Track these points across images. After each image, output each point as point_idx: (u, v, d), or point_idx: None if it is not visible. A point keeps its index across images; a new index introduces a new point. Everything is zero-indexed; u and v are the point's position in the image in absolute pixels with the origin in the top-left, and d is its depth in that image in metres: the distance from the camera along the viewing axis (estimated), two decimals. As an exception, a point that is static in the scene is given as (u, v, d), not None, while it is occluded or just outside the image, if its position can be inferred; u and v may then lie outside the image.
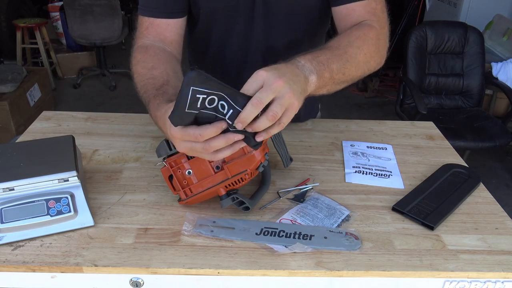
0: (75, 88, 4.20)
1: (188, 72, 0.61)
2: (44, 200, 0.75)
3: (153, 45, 0.95)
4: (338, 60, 0.80)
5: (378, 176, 0.96)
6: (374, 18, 0.93)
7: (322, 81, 0.76)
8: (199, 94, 0.62)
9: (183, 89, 0.61)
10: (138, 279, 0.71)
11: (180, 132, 0.66)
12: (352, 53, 0.83)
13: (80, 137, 1.05)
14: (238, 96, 0.64)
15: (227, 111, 0.65)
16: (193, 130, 0.65)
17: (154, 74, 0.85)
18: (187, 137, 0.66)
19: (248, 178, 0.78)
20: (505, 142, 2.48)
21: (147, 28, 0.97)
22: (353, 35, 0.87)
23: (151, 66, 0.87)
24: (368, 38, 0.87)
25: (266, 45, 1.04)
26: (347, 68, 0.81)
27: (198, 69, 0.62)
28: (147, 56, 0.91)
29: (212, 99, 0.64)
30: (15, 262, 0.69)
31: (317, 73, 0.75)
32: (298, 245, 0.73)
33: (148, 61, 0.89)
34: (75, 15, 3.83)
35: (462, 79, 2.78)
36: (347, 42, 0.84)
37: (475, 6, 3.43)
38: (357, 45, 0.85)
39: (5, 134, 2.94)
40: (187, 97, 0.61)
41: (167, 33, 0.97)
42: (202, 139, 0.65)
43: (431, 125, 1.23)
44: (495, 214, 0.86)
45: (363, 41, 0.86)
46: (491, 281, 0.72)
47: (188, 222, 0.78)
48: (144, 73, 0.87)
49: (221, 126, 0.65)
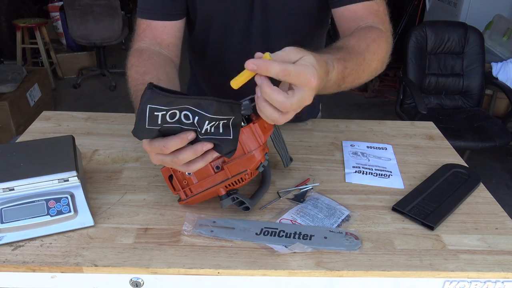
0: (75, 88, 4.20)
1: (145, 89, 0.61)
2: (44, 200, 0.75)
3: (149, 48, 0.94)
4: (357, 72, 0.77)
5: (378, 176, 0.96)
6: (379, 20, 0.91)
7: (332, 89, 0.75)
8: (157, 112, 0.61)
9: (141, 107, 0.61)
10: (138, 279, 0.71)
11: (149, 146, 0.66)
12: (369, 60, 0.81)
13: (80, 137, 1.05)
14: (202, 101, 0.63)
15: (193, 119, 0.64)
16: (158, 142, 0.65)
17: (145, 79, 0.84)
18: (154, 150, 0.66)
19: (248, 178, 0.78)
20: (505, 142, 2.48)
21: (144, 30, 0.97)
22: (368, 38, 0.84)
23: (143, 71, 0.86)
24: (381, 43, 0.86)
25: (265, 47, 1.03)
26: (359, 79, 0.80)
27: (155, 85, 0.62)
28: (141, 60, 0.90)
29: (173, 113, 0.63)
30: (15, 262, 0.69)
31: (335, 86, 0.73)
32: (298, 245, 0.73)
33: (141, 65, 0.88)
34: (75, 15, 3.83)
35: (462, 79, 2.78)
36: (366, 46, 0.82)
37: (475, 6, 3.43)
38: (373, 50, 0.83)
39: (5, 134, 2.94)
40: (145, 114, 0.61)
41: (164, 35, 0.97)
42: (168, 151, 0.65)
43: (431, 125, 1.23)
44: (495, 214, 0.86)
45: (378, 46, 0.84)
46: (491, 281, 0.72)
47: (188, 222, 0.79)
48: (136, 78, 0.86)
49: (186, 137, 0.64)
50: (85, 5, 3.80)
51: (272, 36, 1.02)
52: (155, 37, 0.96)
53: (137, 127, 0.63)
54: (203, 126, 0.64)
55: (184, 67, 1.30)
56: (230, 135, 0.66)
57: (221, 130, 0.66)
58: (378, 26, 0.89)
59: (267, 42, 1.03)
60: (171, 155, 0.66)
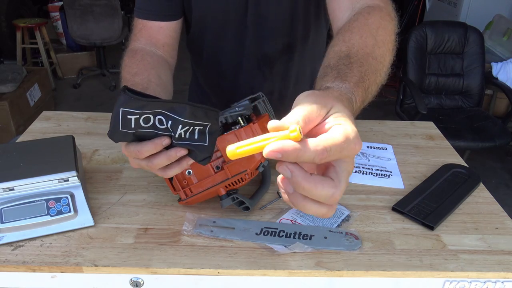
0: (75, 88, 4.20)
1: (120, 92, 0.61)
2: (44, 200, 0.75)
3: (143, 49, 0.94)
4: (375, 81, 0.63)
5: (378, 176, 0.96)
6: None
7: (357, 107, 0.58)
8: (130, 115, 0.61)
9: (115, 110, 0.61)
10: (138, 279, 0.71)
11: (125, 150, 0.67)
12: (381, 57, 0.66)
13: (80, 137, 1.05)
14: (175, 105, 0.62)
15: (167, 124, 0.63)
16: (133, 146, 0.65)
17: (136, 80, 0.84)
18: (129, 154, 0.67)
19: (248, 178, 0.78)
20: (505, 142, 2.48)
21: (140, 30, 0.97)
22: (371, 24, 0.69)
23: (134, 72, 0.86)
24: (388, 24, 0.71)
25: (260, 50, 1.04)
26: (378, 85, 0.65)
27: (129, 89, 0.61)
28: (133, 61, 0.90)
29: (147, 117, 0.62)
30: (15, 262, 0.69)
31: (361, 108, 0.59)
32: (298, 245, 0.73)
33: (133, 66, 0.88)
34: (75, 15, 3.83)
35: (462, 79, 2.78)
36: (373, 40, 0.67)
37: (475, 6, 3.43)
38: (382, 40, 0.68)
39: (5, 134, 2.94)
40: (119, 118, 0.61)
41: (159, 36, 0.97)
42: (142, 155, 0.65)
43: (431, 125, 1.23)
44: (495, 214, 0.86)
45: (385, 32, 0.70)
46: (491, 281, 0.72)
47: (188, 222, 0.79)
48: (127, 79, 0.86)
49: (160, 143, 0.64)
50: (85, 5, 3.80)
51: (266, 38, 1.02)
52: (151, 37, 0.96)
53: (111, 129, 0.63)
54: (176, 130, 0.63)
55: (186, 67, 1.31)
56: (206, 142, 0.66)
57: (196, 136, 0.65)
58: (376, 2, 0.76)
59: (261, 45, 1.03)
60: (146, 160, 0.66)
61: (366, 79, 0.60)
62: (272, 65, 1.07)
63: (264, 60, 1.06)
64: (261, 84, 1.09)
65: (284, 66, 1.09)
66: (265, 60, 1.06)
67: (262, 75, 1.08)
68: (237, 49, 1.04)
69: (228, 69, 1.08)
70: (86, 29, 3.89)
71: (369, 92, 0.61)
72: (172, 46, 1.00)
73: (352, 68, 0.60)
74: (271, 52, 1.04)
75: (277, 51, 1.05)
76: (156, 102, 0.62)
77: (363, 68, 0.61)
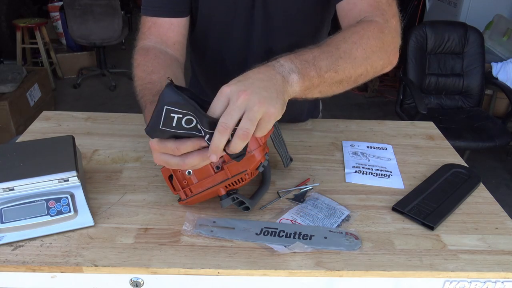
0: (75, 88, 4.20)
1: (164, 87, 0.60)
2: (44, 200, 0.75)
3: (155, 47, 0.93)
4: (328, 57, 0.71)
5: (378, 176, 0.96)
6: (378, 12, 0.85)
7: (308, 81, 0.69)
8: (173, 114, 0.61)
9: (157, 106, 0.60)
10: (138, 279, 0.71)
11: (158, 145, 0.66)
12: (346, 49, 0.74)
13: (80, 137, 1.05)
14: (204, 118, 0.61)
15: (202, 125, 0.62)
16: (171, 143, 0.65)
17: (153, 78, 0.84)
18: (164, 150, 0.66)
19: (248, 178, 0.78)
20: (505, 142, 2.48)
21: (150, 28, 0.96)
22: (349, 31, 0.79)
23: (150, 70, 0.86)
24: (367, 32, 0.78)
25: (266, 47, 1.04)
26: (339, 65, 0.72)
27: (175, 84, 0.61)
28: (147, 59, 0.89)
29: (189, 119, 0.62)
30: (15, 262, 0.69)
31: (299, 72, 0.68)
32: (298, 245, 0.73)
33: (148, 64, 0.87)
34: (75, 15, 3.83)
35: (462, 79, 2.78)
36: (342, 38, 0.76)
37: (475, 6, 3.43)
38: (353, 40, 0.76)
39: (5, 134, 2.94)
40: (161, 115, 0.61)
41: (170, 33, 0.96)
42: (179, 152, 0.65)
43: (431, 125, 1.23)
44: (495, 214, 0.86)
45: (361, 36, 0.77)
46: (491, 281, 0.72)
47: (188, 222, 0.78)
48: (143, 77, 0.85)
49: (199, 144, 0.64)
50: (85, 5, 3.80)
51: (272, 36, 1.02)
52: (161, 35, 0.95)
53: (151, 126, 0.63)
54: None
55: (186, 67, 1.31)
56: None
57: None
58: (373, 19, 0.83)
59: (268, 43, 1.03)
60: (178, 158, 0.66)
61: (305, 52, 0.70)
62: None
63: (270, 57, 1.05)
64: None
65: None
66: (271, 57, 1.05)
67: None
68: (243, 46, 1.04)
69: (232, 67, 1.08)
70: (86, 29, 3.89)
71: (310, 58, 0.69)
72: (183, 44, 0.98)
73: (296, 51, 0.70)
74: (277, 49, 1.04)
75: (283, 48, 1.04)
76: (197, 107, 0.61)
77: (305, 49, 0.71)
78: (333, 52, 0.73)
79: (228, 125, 0.59)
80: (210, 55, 1.10)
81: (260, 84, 0.62)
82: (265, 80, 0.63)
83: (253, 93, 0.60)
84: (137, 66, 0.89)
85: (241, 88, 0.60)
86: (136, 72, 0.89)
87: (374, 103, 4.05)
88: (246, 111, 0.59)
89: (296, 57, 0.70)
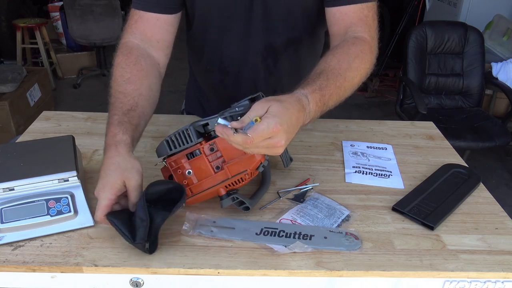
0: (75, 88, 4.20)
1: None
2: (44, 200, 0.75)
3: (138, 47, 0.92)
4: (338, 92, 0.81)
5: (378, 176, 0.96)
6: (365, 27, 0.93)
7: (316, 116, 0.78)
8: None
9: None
10: (138, 279, 0.71)
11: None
12: (350, 78, 0.84)
13: (80, 137, 1.04)
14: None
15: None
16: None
17: (127, 89, 0.84)
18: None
19: (248, 178, 0.78)
20: (505, 142, 2.48)
21: (136, 21, 0.94)
22: (351, 54, 0.87)
23: (127, 78, 0.86)
24: (365, 56, 0.88)
25: (265, 44, 1.04)
26: (344, 96, 0.84)
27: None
28: (128, 63, 0.88)
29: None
30: (15, 262, 0.69)
31: (316, 111, 0.77)
32: (298, 245, 0.73)
33: (127, 70, 0.87)
34: (75, 15, 3.83)
35: (462, 79, 2.78)
36: (347, 65, 0.84)
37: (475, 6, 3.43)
38: (356, 67, 0.86)
39: (5, 134, 2.94)
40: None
41: (155, 29, 0.94)
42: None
43: (431, 125, 1.23)
44: (495, 214, 0.86)
45: (361, 61, 0.87)
46: (491, 281, 0.72)
47: (188, 222, 0.78)
48: (118, 83, 0.86)
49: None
50: (85, 5, 3.79)
51: (271, 32, 1.02)
52: (146, 31, 0.94)
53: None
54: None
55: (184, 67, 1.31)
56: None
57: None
58: (363, 36, 0.91)
59: (267, 39, 1.03)
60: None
61: (326, 89, 0.78)
62: (276, 59, 1.07)
63: (269, 54, 1.06)
64: (265, 79, 1.09)
65: (288, 61, 1.09)
66: (269, 54, 1.06)
67: (266, 68, 1.08)
68: (242, 43, 1.04)
69: (231, 63, 1.08)
70: (86, 29, 3.89)
71: (329, 99, 0.79)
72: (167, 43, 0.97)
73: (316, 81, 0.79)
74: (276, 46, 1.05)
75: (281, 45, 1.05)
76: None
77: (327, 82, 0.79)
78: (342, 84, 0.82)
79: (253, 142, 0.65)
80: (208, 53, 1.09)
81: (293, 123, 0.70)
82: (296, 122, 0.71)
83: (284, 132, 0.67)
84: (116, 65, 0.89)
85: (280, 121, 0.66)
86: (114, 72, 0.88)
87: (374, 103, 4.04)
88: (271, 140, 0.67)
89: (320, 99, 0.77)
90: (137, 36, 0.94)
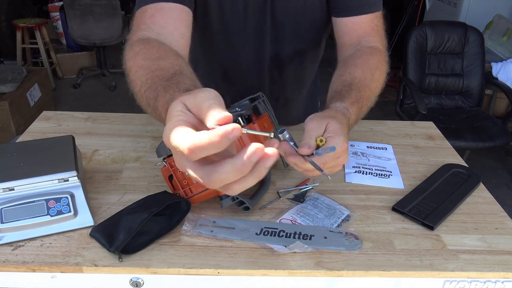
0: (75, 88, 4.20)
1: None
2: (44, 200, 0.75)
3: (157, 39, 0.77)
4: (367, 104, 0.82)
5: (378, 176, 0.96)
6: (378, 37, 0.93)
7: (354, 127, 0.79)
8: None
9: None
10: (138, 279, 0.71)
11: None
12: (374, 89, 0.85)
13: (80, 137, 1.05)
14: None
15: None
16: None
17: (162, 65, 0.66)
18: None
19: (248, 178, 0.78)
20: (505, 142, 2.48)
21: (153, 15, 0.80)
22: (372, 65, 0.87)
23: (156, 57, 0.69)
24: (383, 67, 0.89)
25: (272, 54, 1.04)
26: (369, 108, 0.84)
27: None
28: (150, 47, 0.73)
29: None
30: (15, 262, 0.69)
31: (355, 123, 0.78)
32: (298, 245, 0.73)
33: (152, 51, 0.71)
34: (75, 15, 3.83)
35: (462, 79, 2.78)
36: (371, 76, 0.85)
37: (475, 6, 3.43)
38: (377, 78, 0.86)
39: (5, 134, 2.94)
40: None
41: (179, 22, 0.81)
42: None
43: (431, 125, 1.23)
44: (495, 214, 0.86)
45: (380, 72, 0.87)
46: (491, 281, 0.72)
47: (188, 222, 0.78)
48: (147, 65, 0.68)
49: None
50: (85, 5, 3.79)
51: (279, 43, 1.03)
52: (168, 24, 0.80)
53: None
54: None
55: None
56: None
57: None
58: (378, 46, 0.91)
59: (274, 49, 1.04)
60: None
61: (360, 101, 0.79)
62: (282, 69, 1.08)
63: (274, 64, 1.06)
64: (269, 88, 1.10)
65: (293, 71, 1.10)
66: (274, 64, 1.06)
67: (271, 77, 1.09)
68: (249, 53, 1.04)
69: (236, 72, 1.08)
70: (86, 29, 3.89)
71: (362, 111, 0.80)
72: (188, 41, 0.84)
73: (351, 93, 0.78)
74: (282, 56, 1.05)
75: (288, 55, 1.05)
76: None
77: (360, 94, 0.79)
78: (369, 96, 0.83)
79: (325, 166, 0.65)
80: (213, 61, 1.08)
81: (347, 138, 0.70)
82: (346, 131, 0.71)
83: (347, 149, 0.68)
84: (134, 55, 0.73)
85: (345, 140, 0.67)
86: (134, 62, 0.71)
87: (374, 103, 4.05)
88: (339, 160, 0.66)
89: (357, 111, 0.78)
90: (154, 31, 0.79)
